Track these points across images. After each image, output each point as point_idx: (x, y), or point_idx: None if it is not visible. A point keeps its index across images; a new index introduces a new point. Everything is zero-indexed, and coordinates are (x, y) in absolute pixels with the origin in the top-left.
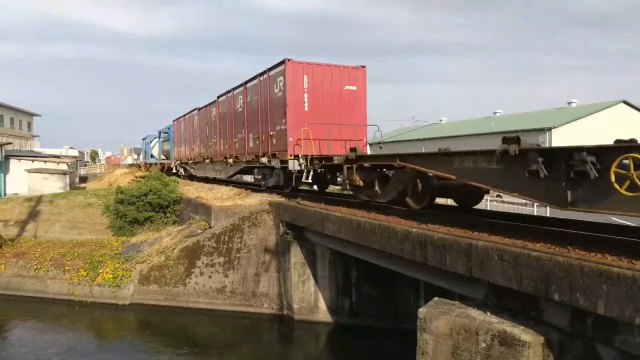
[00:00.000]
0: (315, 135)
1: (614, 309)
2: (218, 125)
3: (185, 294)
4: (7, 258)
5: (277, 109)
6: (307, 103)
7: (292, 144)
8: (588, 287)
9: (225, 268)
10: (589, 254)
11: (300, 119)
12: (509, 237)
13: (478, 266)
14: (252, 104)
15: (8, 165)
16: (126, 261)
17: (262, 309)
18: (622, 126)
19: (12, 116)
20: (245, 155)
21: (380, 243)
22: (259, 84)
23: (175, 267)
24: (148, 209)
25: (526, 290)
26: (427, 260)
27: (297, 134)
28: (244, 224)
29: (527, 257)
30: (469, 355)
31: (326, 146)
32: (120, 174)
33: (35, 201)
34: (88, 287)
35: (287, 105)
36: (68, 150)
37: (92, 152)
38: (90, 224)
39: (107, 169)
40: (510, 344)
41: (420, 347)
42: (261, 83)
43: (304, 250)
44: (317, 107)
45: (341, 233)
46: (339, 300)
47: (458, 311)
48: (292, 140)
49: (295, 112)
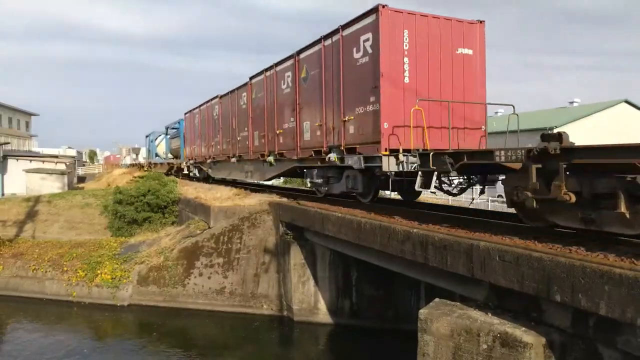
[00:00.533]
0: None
1: (616, 310)
2: (250, 114)
3: (184, 294)
4: (5, 259)
5: (360, 83)
6: (408, 72)
7: (387, 132)
8: (590, 288)
9: (224, 269)
10: (590, 254)
11: (398, 96)
12: (510, 238)
13: (479, 267)
14: (310, 80)
15: (6, 165)
16: (125, 262)
17: (261, 310)
18: (625, 125)
19: (10, 116)
20: (296, 152)
21: (381, 244)
22: (321, 52)
23: (174, 267)
24: (146, 209)
25: (528, 291)
26: (428, 261)
27: (395, 117)
28: (243, 224)
29: (528, 257)
30: (470, 356)
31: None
32: (119, 174)
33: (33, 201)
34: (86, 288)
35: (382, 75)
36: (66, 150)
37: (90, 152)
38: (89, 225)
39: (105, 169)
40: (512, 345)
41: (421, 348)
42: (328, 49)
43: (304, 250)
44: (421, 79)
45: (341, 234)
46: (339, 301)
47: (459, 312)
48: (387, 127)
49: (392, 85)
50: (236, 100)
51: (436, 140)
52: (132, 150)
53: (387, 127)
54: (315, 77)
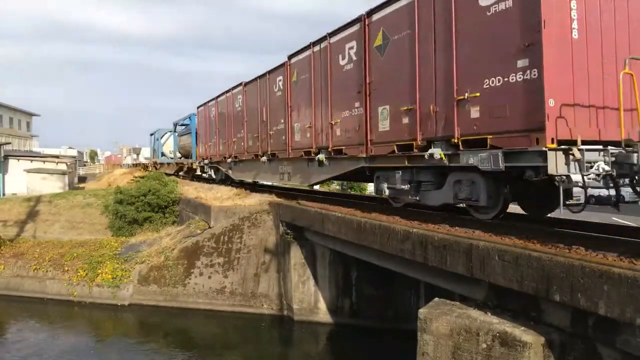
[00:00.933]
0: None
1: (615, 310)
2: (289, 102)
3: (184, 294)
4: (6, 258)
5: (496, 40)
6: (577, 24)
7: (553, 114)
8: (589, 288)
9: (224, 268)
10: (589, 254)
11: (565, 58)
12: (509, 238)
13: (479, 266)
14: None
15: (7, 165)
16: (125, 261)
17: (261, 309)
18: None
19: (11, 116)
20: (365, 148)
21: (381, 243)
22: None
23: (174, 267)
24: (147, 209)
25: (527, 290)
26: (428, 261)
27: (564, 90)
28: (243, 224)
29: (528, 257)
30: (469, 356)
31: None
32: (120, 174)
33: (34, 201)
34: (87, 288)
35: (544, 27)
36: (67, 150)
37: (91, 152)
38: (90, 224)
39: (106, 169)
40: (511, 344)
41: (421, 347)
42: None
43: (304, 250)
44: (592, 37)
45: (341, 233)
46: (339, 300)
47: (458, 312)
48: (553, 105)
49: (557, 42)
50: (267, 87)
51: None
52: (132, 150)
53: (554, 106)
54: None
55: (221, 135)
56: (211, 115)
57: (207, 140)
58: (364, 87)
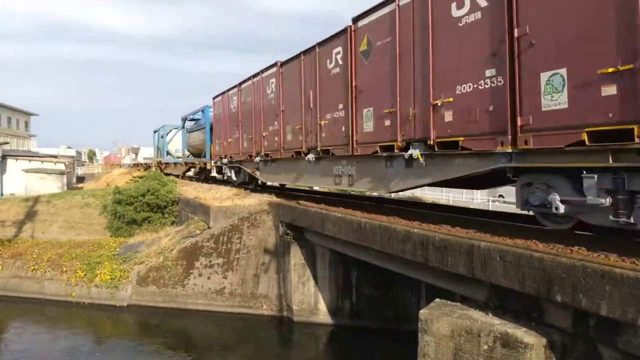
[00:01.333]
0: None
1: (617, 310)
2: (353, 80)
3: (183, 295)
4: (4, 259)
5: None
6: None
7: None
8: (591, 288)
9: (224, 269)
10: (591, 254)
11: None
12: (511, 238)
13: (480, 267)
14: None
15: (5, 165)
16: (124, 262)
17: (261, 310)
18: None
19: (10, 115)
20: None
21: (381, 244)
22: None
23: (173, 268)
24: (146, 209)
25: (528, 291)
26: (428, 261)
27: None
28: (243, 224)
29: (529, 258)
30: (470, 357)
31: None
32: (118, 174)
33: (32, 201)
34: (86, 288)
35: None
36: (65, 150)
37: (89, 152)
38: (88, 225)
39: (105, 169)
40: (513, 345)
41: (422, 349)
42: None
43: (303, 251)
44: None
45: (341, 234)
46: (339, 301)
47: (459, 312)
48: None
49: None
50: (317, 64)
51: None
52: (131, 150)
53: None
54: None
55: (245, 129)
56: (231, 106)
57: (227, 135)
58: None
